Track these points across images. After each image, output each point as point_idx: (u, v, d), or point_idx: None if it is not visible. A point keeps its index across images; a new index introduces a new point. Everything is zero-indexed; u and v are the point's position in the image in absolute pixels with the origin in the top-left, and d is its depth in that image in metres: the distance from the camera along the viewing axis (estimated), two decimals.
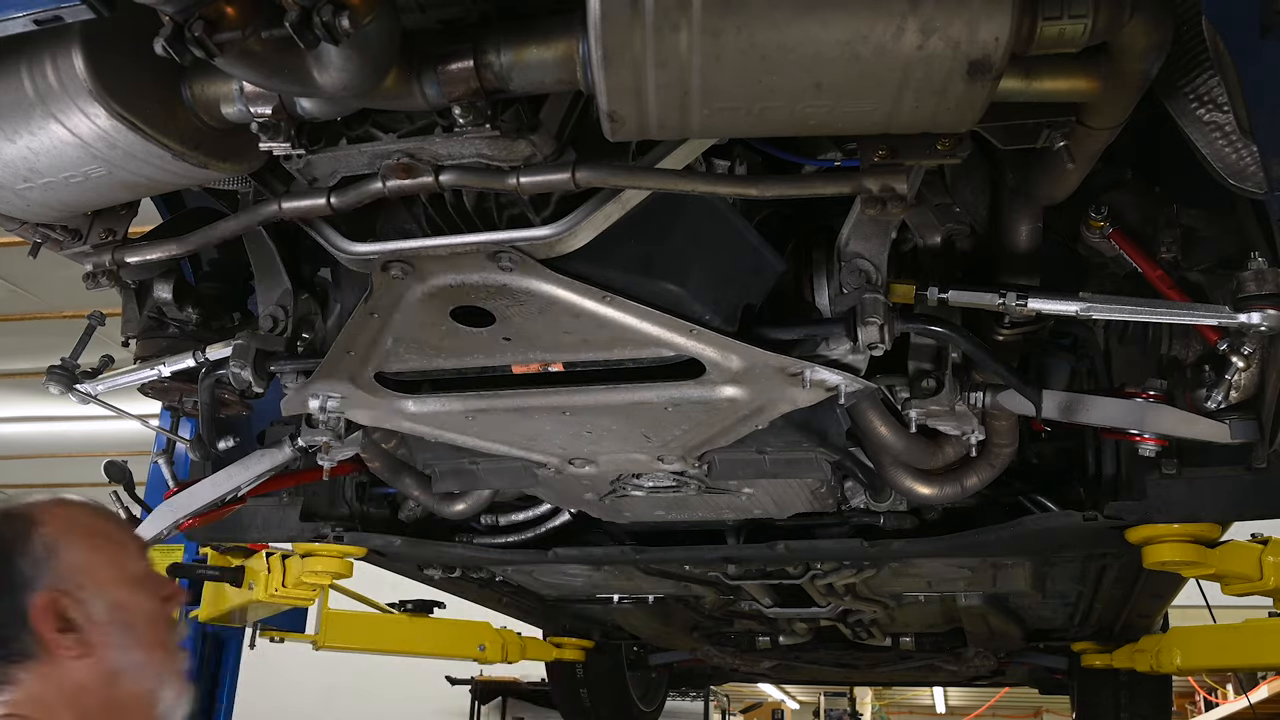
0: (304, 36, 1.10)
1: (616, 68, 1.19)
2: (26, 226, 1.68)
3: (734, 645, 4.82)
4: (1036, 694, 6.21)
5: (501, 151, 1.46)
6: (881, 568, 3.06)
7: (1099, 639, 4.27)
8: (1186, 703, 8.54)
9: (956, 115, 1.27)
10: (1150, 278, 1.85)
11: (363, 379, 1.93)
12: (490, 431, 2.10)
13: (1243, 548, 2.75)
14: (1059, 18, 1.21)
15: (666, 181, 1.52)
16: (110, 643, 1.36)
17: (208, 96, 1.44)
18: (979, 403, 2.05)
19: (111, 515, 1.50)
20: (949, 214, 1.91)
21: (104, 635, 1.35)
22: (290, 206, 1.62)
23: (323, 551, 3.06)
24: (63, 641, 1.32)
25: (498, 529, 2.93)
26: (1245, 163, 1.51)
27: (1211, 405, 1.96)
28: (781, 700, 13.06)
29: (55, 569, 1.35)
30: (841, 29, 1.14)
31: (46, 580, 1.34)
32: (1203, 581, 3.03)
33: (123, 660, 1.37)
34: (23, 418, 10.05)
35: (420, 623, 4.62)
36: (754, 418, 1.98)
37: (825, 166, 1.67)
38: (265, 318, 2.09)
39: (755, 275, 1.82)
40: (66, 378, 2.23)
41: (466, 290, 1.67)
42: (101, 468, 2.63)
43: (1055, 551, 2.88)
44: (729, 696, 10.80)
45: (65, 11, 1.17)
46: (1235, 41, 1.25)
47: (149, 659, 1.39)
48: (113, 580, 1.39)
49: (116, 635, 1.36)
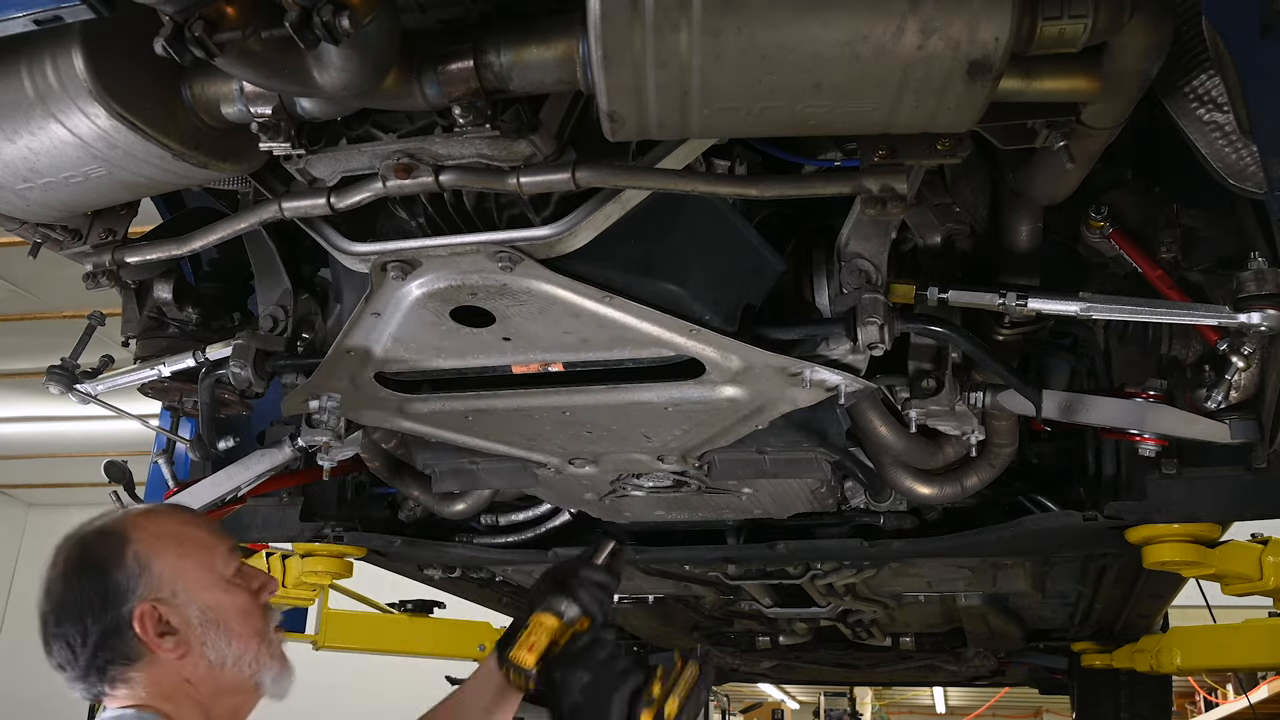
0: (304, 36, 1.09)
1: (616, 68, 1.19)
2: (26, 226, 1.68)
3: (734, 645, 4.82)
4: (1036, 694, 6.21)
5: (501, 151, 1.46)
6: (881, 568, 3.06)
7: (1099, 639, 4.27)
8: (1186, 703, 8.54)
9: (956, 115, 1.26)
10: (1150, 278, 1.85)
11: (363, 379, 1.93)
12: (490, 431, 2.10)
13: (1243, 548, 2.75)
14: (1059, 18, 1.21)
15: (666, 181, 1.52)
16: (207, 640, 1.51)
17: (208, 96, 1.44)
18: (979, 403, 2.05)
19: (198, 520, 1.65)
20: (949, 214, 1.91)
21: (200, 635, 1.51)
22: (290, 206, 1.62)
23: (323, 551, 3.06)
24: (164, 644, 1.48)
25: (498, 529, 2.93)
26: (1245, 163, 1.51)
27: (1211, 405, 1.96)
28: (781, 700, 13.07)
29: (149, 580, 1.50)
30: (841, 29, 1.14)
31: (142, 591, 1.49)
32: (1203, 581, 3.03)
33: (221, 654, 1.52)
34: (23, 418, 10.04)
35: (420, 623, 4.62)
36: (754, 418, 1.98)
37: (825, 166, 1.67)
38: (265, 318, 2.09)
39: (755, 275, 1.82)
40: (66, 378, 2.23)
41: (466, 290, 1.67)
42: (101, 468, 2.63)
43: (1055, 551, 2.88)
44: (729, 696, 10.80)
45: (65, 11, 1.17)
46: (1235, 41, 1.25)
47: (245, 649, 1.54)
48: (203, 584, 1.54)
49: (212, 634, 1.52)
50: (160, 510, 1.63)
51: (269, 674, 1.57)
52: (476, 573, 3.53)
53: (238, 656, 1.53)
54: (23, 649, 11.76)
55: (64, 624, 1.49)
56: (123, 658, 1.48)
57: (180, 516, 1.62)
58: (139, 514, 1.59)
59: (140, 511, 1.60)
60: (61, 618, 1.50)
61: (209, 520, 1.68)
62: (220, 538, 1.62)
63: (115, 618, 1.47)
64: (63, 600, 1.50)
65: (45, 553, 1.58)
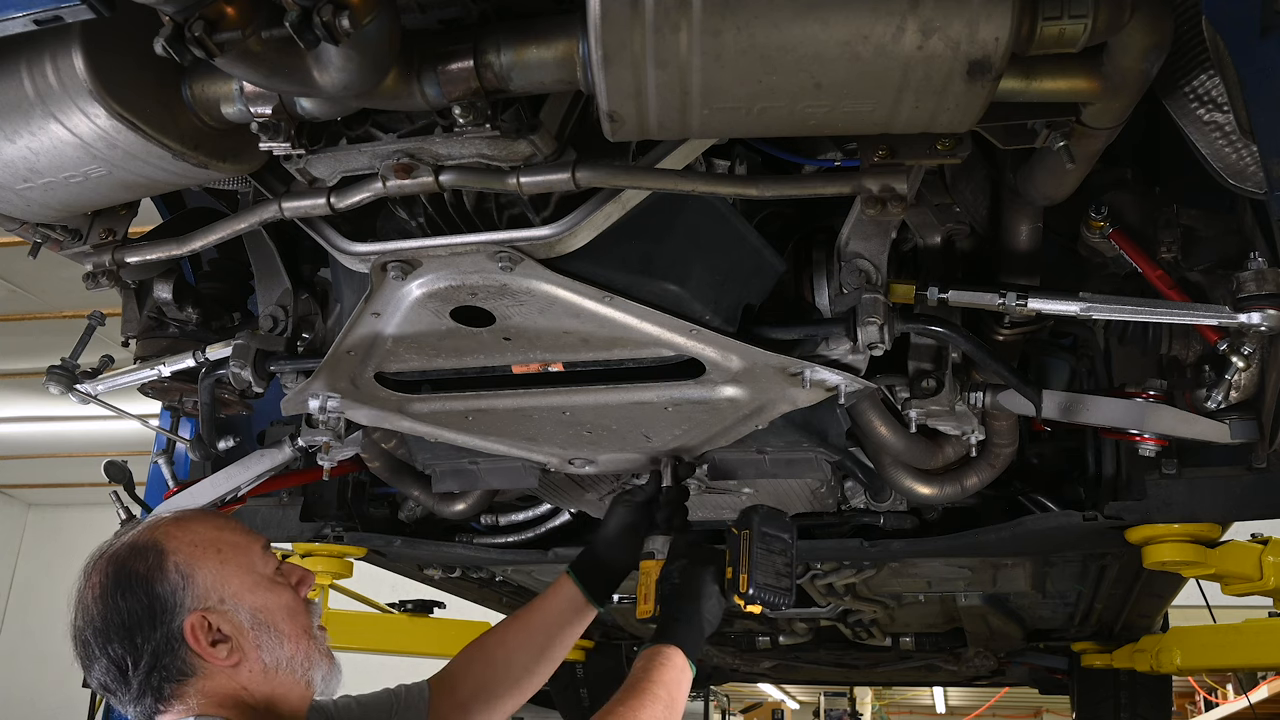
0: (304, 36, 1.09)
1: (616, 68, 1.19)
2: (26, 226, 1.68)
3: (734, 645, 4.82)
4: (1036, 694, 6.20)
5: (502, 151, 1.45)
6: (881, 568, 3.06)
7: (1099, 639, 4.27)
8: (1186, 703, 8.53)
9: (956, 115, 1.27)
10: (1150, 278, 1.85)
11: (363, 379, 1.93)
12: (490, 431, 2.10)
13: (1243, 548, 2.75)
14: (1059, 18, 1.21)
15: (666, 181, 1.51)
16: (261, 644, 1.48)
17: (208, 96, 1.43)
18: (979, 403, 2.05)
19: (230, 522, 1.62)
20: (949, 214, 1.91)
21: (253, 639, 1.48)
22: (290, 206, 1.62)
23: (323, 551, 3.06)
24: (218, 654, 1.45)
25: (498, 529, 2.93)
26: (1245, 163, 1.51)
27: (1211, 405, 1.96)
28: (781, 700, 13.08)
29: (195, 591, 1.47)
30: (841, 29, 1.14)
31: (190, 603, 1.46)
32: (1203, 581, 3.03)
33: (275, 656, 1.49)
34: (23, 418, 10.03)
35: (420, 623, 4.61)
36: (754, 418, 1.98)
37: (825, 166, 1.67)
38: (265, 318, 2.09)
39: (755, 275, 1.82)
40: (66, 378, 2.24)
41: (466, 290, 1.67)
42: (101, 468, 2.63)
43: (1055, 551, 2.88)
44: (729, 696, 10.80)
45: (65, 11, 1.17)
46: (1235, 41, 1.25)
47: (296, 648, 1.52)
48: (247, 587, 1.51)
49: (264, 636, 1.49)
50: (190, 516, 1.58)
51: (319, 672, 1.55)
52: (476, 573, 3.53)
53: (290, 657, 1.50)
54: (21, 650, 11.78)
55: (111, 645, 1.44)
56: (178, 674, 1.44)
57: (212, 521, 1.59)
58: (169, 524, 1.54)
59: (170, 520, 1.56)
60: (107, 639, 1.45)
61: (238, 521, 1.65)
62: (254, 537, 1.59)
63: (166, 633, 1.44)
64: (106, 621, 1.45)
65: (45, 553, 1.57)
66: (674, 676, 1.68)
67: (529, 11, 1.34)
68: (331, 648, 1.62)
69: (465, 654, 1.97)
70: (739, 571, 1.83)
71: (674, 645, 1.73)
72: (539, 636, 1.99)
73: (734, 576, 1.83)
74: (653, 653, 1.71)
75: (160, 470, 2.61)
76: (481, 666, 1.94)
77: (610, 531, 2.08)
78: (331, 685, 1.57)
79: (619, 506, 2.11)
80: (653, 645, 1.73)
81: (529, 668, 1.97)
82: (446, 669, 1.96)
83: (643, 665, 1.69)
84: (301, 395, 2.01)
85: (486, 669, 1.93)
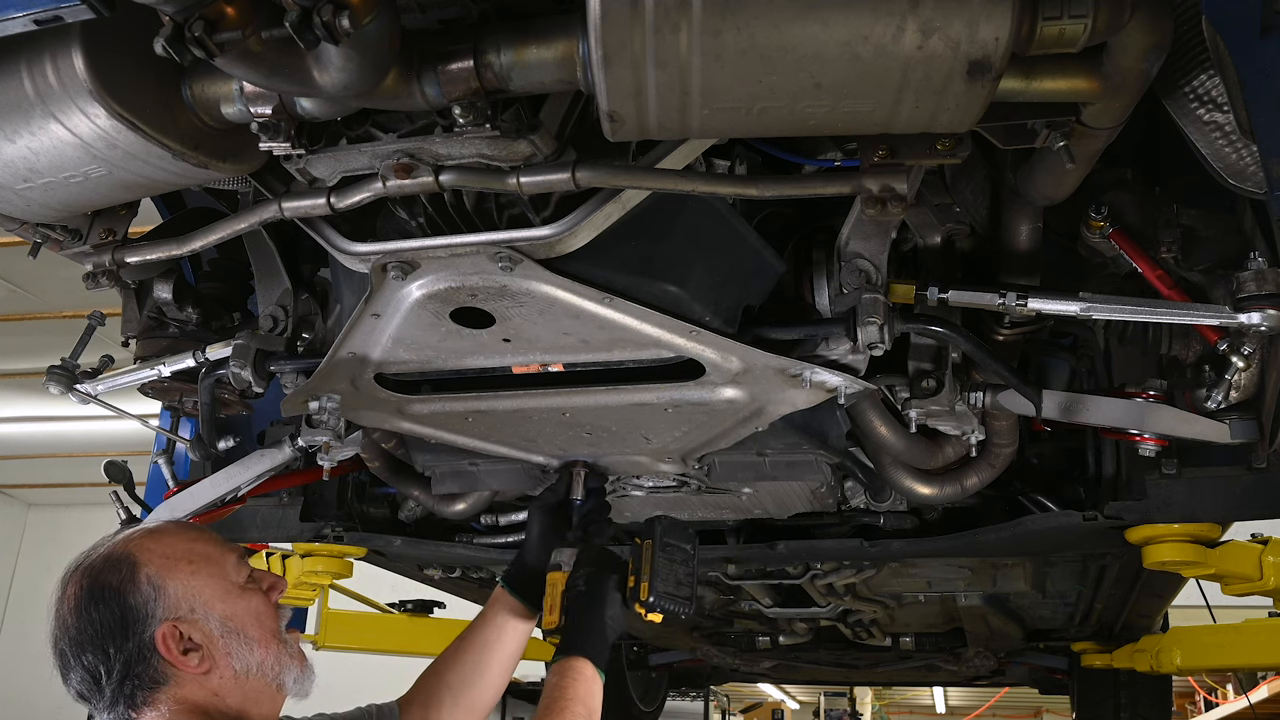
0: (304, 36, 1.09)
1: (616, 68, 1.19)
2: (26, 226, 1.68)
3: (734, 645, 4.81)
4: (1036, 694, 6.21)
5: (502, 151, 1.45)
6: (881, 568, 3.06)
7: (1099, 639, 4.27)
8: (1186, 703, 8.53)
9: (956, 115, 1.26)
10: (1150, 278, 1.85)
11: (362, 380, 1.93)
12: (490, 432, 2.10)
13: (1243, 548, 2.75)
14: (1059, 18, 1.21)
15: (666, 181, 1.51)
16: (230, 650, 1.52)
17: (208, 96, 1.43)
18: (979, 403, 2.05)
19: (204, 534, 1.66)
20: (949, 214, 1.91)
21: (223, 646, 1.52)
22: (290, 206, 1.62)
23: (323, 551, 3.06)
24: (189, 662, 1.49)
25: (498, 529, 2.93)
26: (1245, 163, 1.51)
27: (1211, 405, 1.96)
28: (781, 700, 13.07)
29: (166, 601, 1.51)
30: (841, 29, 1.14)
31: (161, 613, 1.49)
32: (1203, 581, 3.03)
33: (245, 662, 1.53)
34: (23, 418, 10.04)
35: (420, 623, 4.61)
36: (754, 419, 1.98)
37: (825, 166, 1.67)
38: (265, 318, 2.09)
39: (755, 276, 1.82)
40: (66, 378, 2.23)
41: (466, 291, 1.67)
42: (101, 468, 2.63)
43: (1055, 551, 2.88)
44: (729, 696, 10.80)
45: (65, 11, 1.16)
46: (1235, 41, 1.25)
47: (266, 653, 1.55)
48: (218, 595, 1.55)
49: (233, 643, 1.53)
50: (164, 529, 1.63)
51: (290, 674, 1.58)
52: (476, 573, 3.53)
53: (260, 662, 1.54)
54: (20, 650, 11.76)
55: (85, 655, 1.49)
56: (150, 682, 1.48)
57: (185, 533, 1.62)
58: (143, 536, 1.59)
59: (144, 533, 1.60)
60: (81, 649, 1.49)
61: (213, 533, 1.68)
62: (227, 548, 1.63)
63: (139, 643, 1.47)
64: (80, 631, 1.49)
65: (45, 553, 1.59)
66: (587, 689, 1.76)
67: (529, 11, 1.34)
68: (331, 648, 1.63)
69: (421, 677, 2.03)
70: (640, 580, 1.92)
71: (582, 657, 1.80)
72: (488, 652, 2.05)
73: (635, 585, 1.92)
74: (563, 667, 1.78)
75: (160, 470, 2.61)
76: (435, 686, 2.00)
77: (533, 539, 2.13)
78: (304, 686, 1.60)
79: (535, 513, 2.17)
80: (562, 659, 1.79)
81: (478, 683, 2.03)
82: (408, 691, 2.01)
83: (555, 682, 1.75)
84: (301, 395, 2.01)
85: (440, 689, 1.99)
